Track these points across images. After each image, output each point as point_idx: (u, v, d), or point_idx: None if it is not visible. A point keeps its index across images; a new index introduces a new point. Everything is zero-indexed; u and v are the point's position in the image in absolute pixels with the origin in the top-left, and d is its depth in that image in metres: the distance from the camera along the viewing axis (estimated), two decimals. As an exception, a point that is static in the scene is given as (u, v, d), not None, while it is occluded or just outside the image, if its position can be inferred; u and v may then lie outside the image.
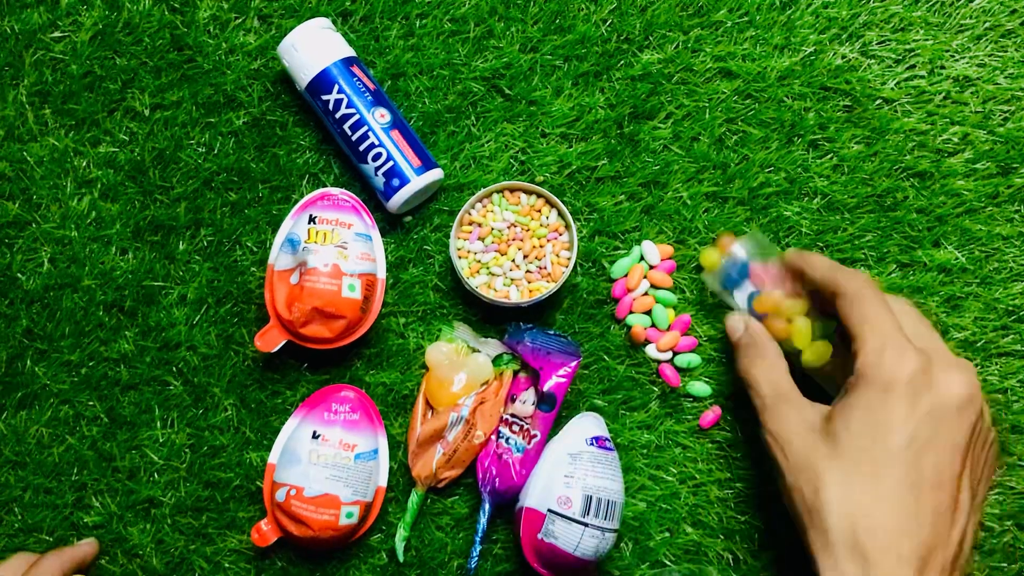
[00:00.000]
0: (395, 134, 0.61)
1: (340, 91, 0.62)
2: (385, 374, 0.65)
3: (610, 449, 0.61)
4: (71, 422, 0.65)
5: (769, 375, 0.57)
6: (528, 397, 0.62)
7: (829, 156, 0.66)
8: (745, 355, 0.59)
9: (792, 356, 0.59)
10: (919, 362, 0.50)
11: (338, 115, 0.62)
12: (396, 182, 0.61)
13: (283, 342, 0.61)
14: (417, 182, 0.62)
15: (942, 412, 0.49)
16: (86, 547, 0.62)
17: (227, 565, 0.64)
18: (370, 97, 0.62)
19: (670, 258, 0.65)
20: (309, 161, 0.66)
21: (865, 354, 0.51)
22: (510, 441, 0.62)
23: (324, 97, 0.62)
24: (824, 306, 0.57)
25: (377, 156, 0.61)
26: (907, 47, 0.66)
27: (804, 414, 0.54)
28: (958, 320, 0.65)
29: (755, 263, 0.61)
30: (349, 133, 0.62)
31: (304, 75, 0.62)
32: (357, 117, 0.61)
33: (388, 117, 0.62)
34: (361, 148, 0.62)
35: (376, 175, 0.62)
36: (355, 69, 0.62)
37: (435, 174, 0.63)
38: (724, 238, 0.63)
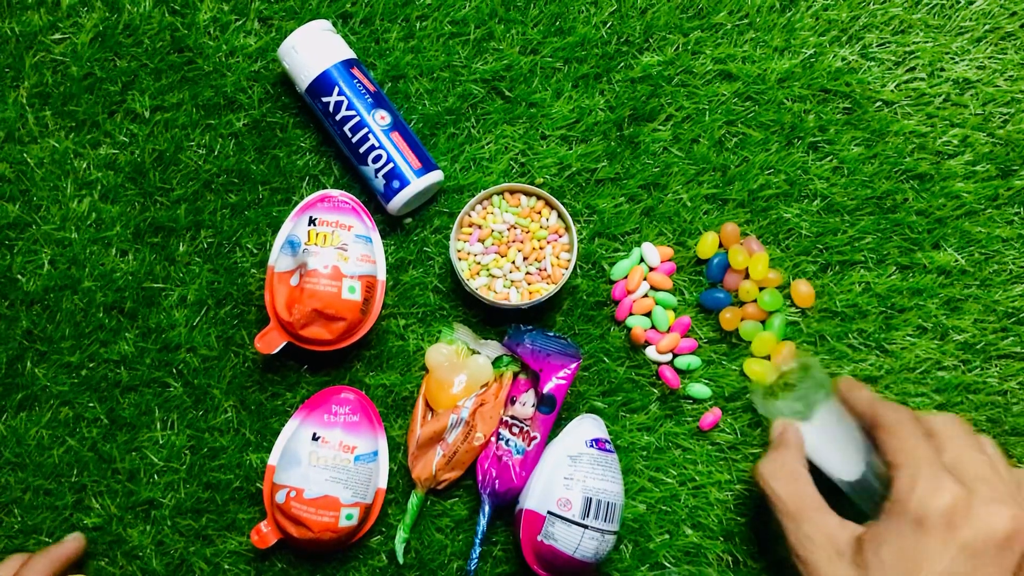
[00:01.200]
0: (395, 136, 0.61)
1: (340, 93, 0.62)
2: (385, 376, 0.65)
3: (610, 451, 0.61)
4: (71, 424, 0.65)
5: (792, 486, 0.54)
6: (528, 399, 0.62)
7: (829, 158, 0.66)
8: (768, 457, 0.56)
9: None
10: (955, 494, 0.47)
11: (338, 117, 0.62)
12: (396, 184, 0.62)
13: (283, 344, 0.61)
14: (417, 184, 0.62)
15: (981, 549, 0.46)
16: (72, 544, 0.62)
17: (227, 567, 0.64)
18: (370, 99, 0.62)
19: (670, 260, 0.65)
20: (309, 163, 0.66)
21: (899, 483, 0.49)
22: (510, 443, 0.62)
23: (324, 99, 0.62)
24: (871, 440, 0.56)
25: (377, 158, 0.61)
26: (907, 49, 0.66)
27: (832, 534, 0.51)
28: (957, 322, 0.65)
29: (806, 400, 0.61)
30: (349, 135, 0.62)
31: (304, 77, 0.62)
32: (357, 119, 0.61)
33: (388, 119, 0.62)
34: (361, 150, 0.62)
35: (376, 177, 0.62)
36: (355, 71, 0.62)
37: (435, 176, 0.63)
38: (781, 354, 0.62)
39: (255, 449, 0.65)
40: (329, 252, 0.60)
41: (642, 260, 0.65)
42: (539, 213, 0.64)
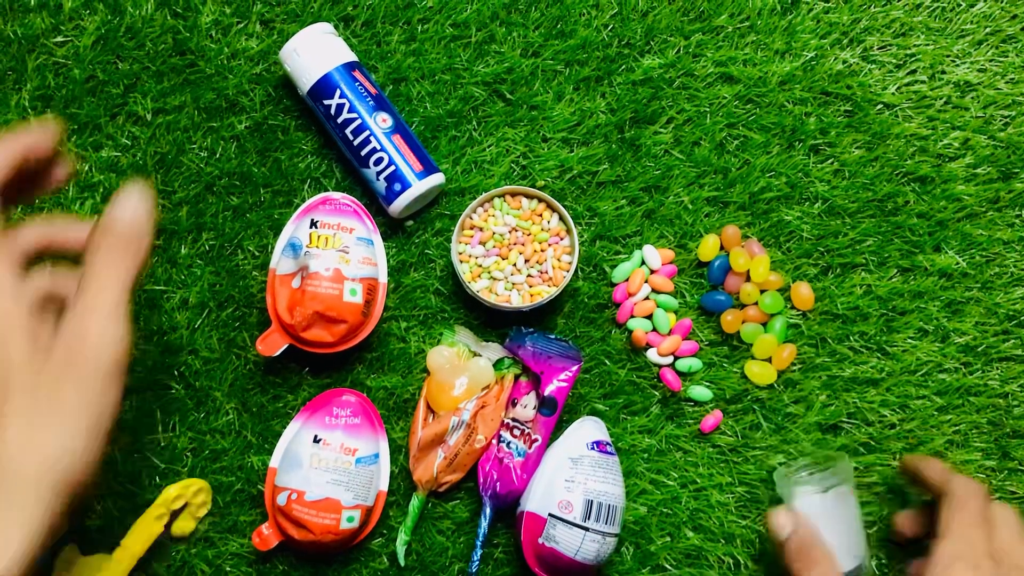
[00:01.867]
0: (396, 139, 0.62)
1: (342, 96, 0.62)
2: (386, 378, 0.65)
3: (611, 453, 0.61)
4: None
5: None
6: (529, 401, 0.62)
7: (830, 161, 0.66)
8: (797, 559, 0.56)
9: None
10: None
11: (340, 120, 0.62)
12: (398, 186, 0.62)
13: (285, 346, 0.61)
14: (419, 187, 0.62)
15: None
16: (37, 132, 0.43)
17: (228, 569, 0.64)
18: (372, 102, 0.62)
19: (671, 263, 0.65)
20: (311, 166, 0.66)
21: (940, 553, 0.51)
22: (511, 445, 0.62)
23: (326, 102, 0.62)
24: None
25: (379, 161, 0.62)
26: (908, 52, 0.66)
27: None
28: (959, 324, 0.65)
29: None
30: (351, 138, 0.62)
31: (306, 80, 0.62)
32: (359, 122, 0.62)
33: (390, 122, 0.62)
34: (363, 153, 0.62)
35: (378, 179, 0.62)
36: (357, 74, 0.63)
37: (436, 179, 0.63)
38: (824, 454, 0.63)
39: (256, 451, 0.65)
40: (331, 255, 0.60)
41: (643, 263, 0.65)
42: (540, 216, 0.64)
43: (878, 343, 0.65)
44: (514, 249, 0.63)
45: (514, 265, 0.63)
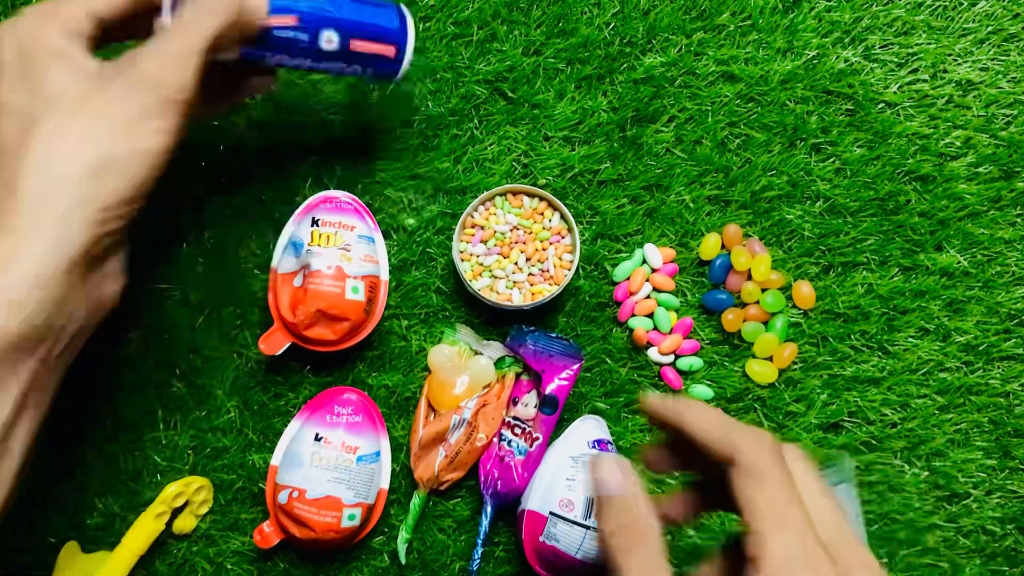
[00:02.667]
0: (355, 43, 0.55)
1: (275, 51, 0.53)
2: (387, 376, 0.65)
3: (612, 452, 0.61)
4: (75, 423, 0.65)
5: (648, 571, 0.37)
6: (530, 400, 0.63)
7: (831, 160, 0.66)
8: (618, 533, 0.38)
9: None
10: None
11: (295, 63, 0.54)
12: (387, 73, 0.57)
13: (287, 345, 0.61)
14: (404, 66, 0.57)
15: None
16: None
17: (229, 567, 0.64)
18: (305, 35, 0.53)
19: (672, 261, 0.65)
20: (312, 164, 0.66)
21: (768, 566, 0.35)
22: (512, 444, 0.62)
23: (267, 58, 0.53)
24: (696, 465, 0.43)
25: (356, 72, 0.57)
26: (910, 51, 0.66)
27: None
28: (960, 323, 0.65)
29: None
30: (319, 66, 0.55)
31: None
32: (310, 58, 0.54)
33: (335, 37, 0.54)
34: (336, 70, 0.56)
35: (366, 75, 0.57)
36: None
37: (409, 30, 0.57)
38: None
39: (258, 449, 0.65)
40: (332, 253, 0.60)
41: (644, 261, 0.65)
42: (542, 214, 0.64)
43: (879, 342, 0.65)
44: (515, 248, 0.63)
45: (515, 264, 0.63)
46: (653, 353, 0.65)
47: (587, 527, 0.57)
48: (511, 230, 0.63)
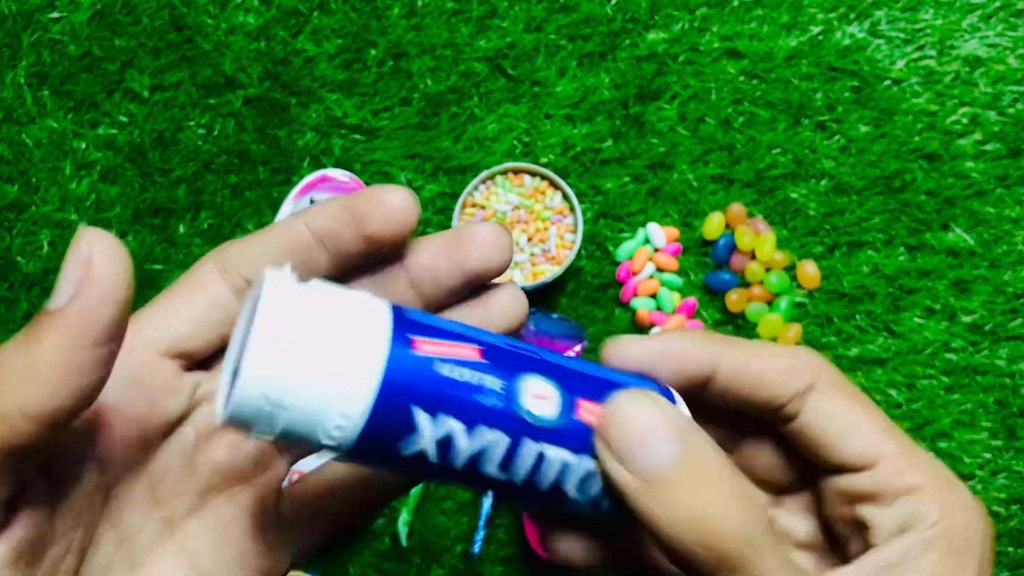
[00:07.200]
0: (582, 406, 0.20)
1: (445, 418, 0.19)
2: (388, 358, 0.65)
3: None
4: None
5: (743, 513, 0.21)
6: (532, 381, 0.62)
7: (837, 137, 0.65)
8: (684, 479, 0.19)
9: None
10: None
11: (490, 469, 0.20)
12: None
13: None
14: None
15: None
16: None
17: (230, 549, 0.64)
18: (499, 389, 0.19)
19: (676, 241, 0.65)
20: (309, 143, 0.65)
21: (922, 501, 0.22)
22: (514, 425, 0.61)
23: (412, 448, 0.19)
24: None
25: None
26: (916, 27, 0.65)
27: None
28: (966, 303, 0.64)
29: None
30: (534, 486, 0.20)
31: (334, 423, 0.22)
32: (506, 444, 0.19)
33: (553, 404, 0.19)
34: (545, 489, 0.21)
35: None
36: (425, 346, 0.18)
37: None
38: None
39: (257, 432, 0.65)
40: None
41: (647, 241, 0.65)
42: (543, 193, 0.63)
43: (885, 322, 0.64)
44: (516, 227, 0.63)
45: (516, 244, 0.63)
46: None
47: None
48: (512, 210, 0.63)
